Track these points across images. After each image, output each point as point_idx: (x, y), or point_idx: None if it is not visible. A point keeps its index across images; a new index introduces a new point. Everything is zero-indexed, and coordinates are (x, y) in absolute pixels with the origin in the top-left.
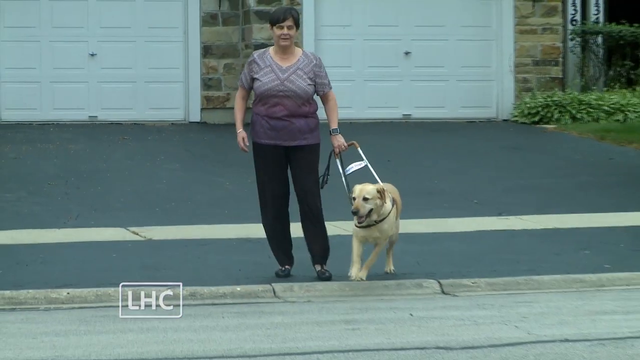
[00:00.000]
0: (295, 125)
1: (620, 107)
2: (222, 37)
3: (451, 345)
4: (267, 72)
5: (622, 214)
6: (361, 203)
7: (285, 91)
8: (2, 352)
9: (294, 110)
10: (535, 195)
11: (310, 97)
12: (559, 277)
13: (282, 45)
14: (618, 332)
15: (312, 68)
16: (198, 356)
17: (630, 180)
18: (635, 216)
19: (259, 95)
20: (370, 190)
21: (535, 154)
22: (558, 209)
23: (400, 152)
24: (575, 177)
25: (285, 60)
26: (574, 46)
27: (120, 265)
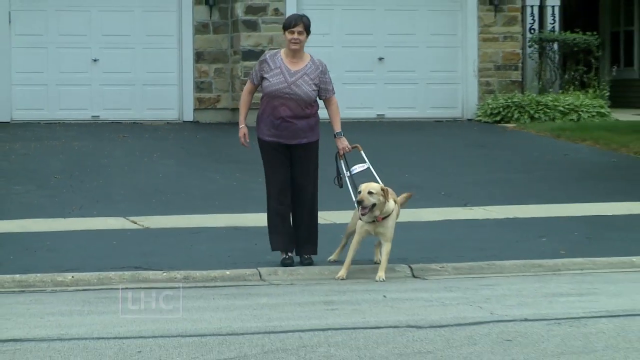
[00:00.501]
0: (297, 126)
1: (574, 108)
2: (212, 44)
3: (421, 324)
4: (277, 74)
5: (577, 205)
6: (366, 195)
7: (291, 94)
8: (12, 330)
9: (297, 112)
10: (497, 188)
11: (313, 100)
12: (519, 262)
13: (293, 49)
14: (573, 312)
15: (318, 74)
16: (191, 334)
17: (584, 175)
18: (588, 207)
19: (266, 94)
20: (375, 186)
21: (497, 151)
22: (518, 200)
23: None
24: (533, 172)
25: (295, 64)
26: (532, 52)
27: (120, 252)
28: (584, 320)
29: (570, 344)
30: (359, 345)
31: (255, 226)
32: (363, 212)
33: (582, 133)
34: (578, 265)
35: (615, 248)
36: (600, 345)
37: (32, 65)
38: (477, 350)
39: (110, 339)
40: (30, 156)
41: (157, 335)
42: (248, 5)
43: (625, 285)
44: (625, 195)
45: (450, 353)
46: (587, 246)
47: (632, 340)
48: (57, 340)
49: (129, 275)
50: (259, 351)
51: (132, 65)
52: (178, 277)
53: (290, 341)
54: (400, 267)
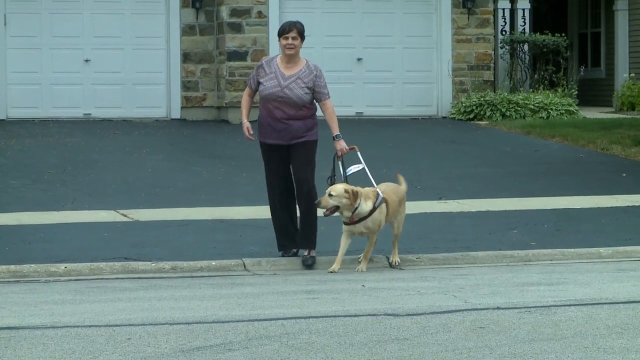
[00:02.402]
0: (294, 127)
1: (543, 106)
2: (199, 45)
3: (398, 312)
4: (271, 78)
5: (546, 199)
6: (325, 198)
7: (284, 97)
8: (8, 318)
9: (292, 114)
10: (470, 182)
11: (306, 103)
12: (491, 253)
13: (287, 54)
14: (543, 301)
15: (312, 78)
16: (178, 322)
17: (553, 169)
18: (557, 200)
19: (262, 97)
20: (338, 188)
21: (470, 147)
22: (490, 194)
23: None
24: (505, 167)
25: (289, 69)
26: (503, 53)
27: (111, 243)
28: (553, 309)
29: (541, 331)
30: (339, 333)
31: (240, 219)
32: (325, 213)
33: (551, 130)
34: (548, 256)
35: (583, 240)
36: (569, 333)
37: (27, 65)
38: (452, 337)
39: (102, 326)
40: (25, 152)
41: (146, 323)
42: (233, 8)
43: (592, 275)
44: (592, 189)
45: (426, 340)
46: (557, 238)
47: (600, 327)
48: (50, 327)
49: (119, 265)
50: (243, 338)
51: (122, 65)
52: (166, 268)
53: (273, 329)
54: (378, 258)
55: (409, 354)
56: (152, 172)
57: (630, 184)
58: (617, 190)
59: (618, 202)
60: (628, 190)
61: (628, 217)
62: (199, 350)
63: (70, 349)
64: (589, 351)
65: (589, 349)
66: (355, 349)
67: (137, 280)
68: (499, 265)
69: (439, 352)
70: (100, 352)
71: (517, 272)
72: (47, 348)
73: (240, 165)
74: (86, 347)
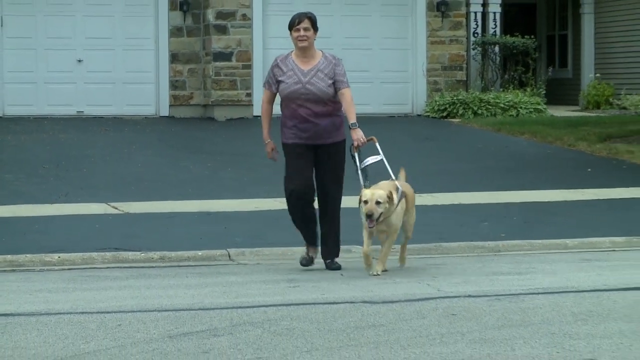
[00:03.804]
0: (320, 126)
1: (513, 104)
2: (186, 46)
3: (374, 300)
4: (290, 76)
5: (515, 192)
6: (374, 207)
7: (307, 93)
8: (4, 305)
9: (317, 111)
10: (444, 177)
11: (331, 97)
12: (463, 244)
13: (301, 46)
14: (512, 289)
15: (332, 68)
16: (166, 309)
17: (522, 165)
18: (526, 194)
19: (283, 97)
20: (381, 194)
21: (444, 143)
22: (462, 188)
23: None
24: (476, 162)
25: (306, 64)
26: (475, 54)
27: (102, 234)
28: (522, 297)
29: (510, 318)
30: (319, 319)
31: (225, 211)
32: (371, 225)
33: (520, 127)
34: (517, 247)
35: (551, 232)
36: (536, 319)
37: (22, 64)
38: (425, 324)
39: (93, 313)
40: (21, 148)
41: (135, 310)
42: (218, 11)
43: (559, 265)
44: (559, 183)
45: (401, 326)
46: (525, 230)
47: (566, 314)
48: (44, 314)
49: (110, 255)
50: (227, 324)
51: (113, 65)
52: (155, 258)
53: (256, 315)
54: (355, 248)
55: (385, 339)
56: (141, 166)
57: (596, 179)
58: (583, 184)
59: (584, 195)
60: (593, 184)
61: (593, 210)
62: (185, 335)
63: (64, 334)
64: (556, 337)
65: (556, 334)
66: (334, 334)
67: (127, 269)
68: (471, 255)
69: (413, 337)
70: (92, 338)
71: (488, 262)
72: (42, 334)
73: (225, 160)
74: (78, 333)
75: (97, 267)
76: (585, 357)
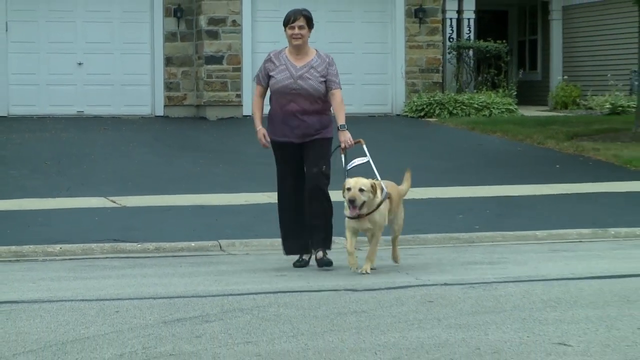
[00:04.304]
0: (308, 123)
1: (486, 105)
2: (180, 51)
3: (357, 288)
4: (282, 70)
5: (488, 187)
6: (357, 193)
7: (298, 89)
8: (9, 293)
9: (307, 108)
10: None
11: (322, 95)
12: (439, 236)
13: (295, 44)
14: (485, 278)
15: (325, 67)
16: (161, 296)
17: (495, 161)
18: (498, 189)
19: (273, 92)
20: (365, 182)
21: (421, 141)
22: (439, 183)
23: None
24: (452, 159)
25: (300, 60)
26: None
27: (101, 226)
28: (494, 285)
29: (483, 305)
30: (304, 306)
31: (217, 205)
32: (354, 212)
33: (493, 126)
34: (489, 238)
35: (521, 224)
36: (508, 306)
37: (26, 67)
38: (404, 310)
39: (93, 300)
40: (25, 145)
41: (132, 297)
42: (210, 18)
43: (529, 255)
44: (529, 178)
45: (381, 312)
46: (498, 222)
47: (536, 301)
48: (47, 301)
49: (108, 246)
50: (219, 311)
51: (111, 68)
52: (150, 248)
53: (245, 302)
54: (339, 240)
55: (366, 324)
56: (138, 163)
57: (563, 174)
58: (551, 179)
59: (552, 190)
60: (561, 179)
61: (561, 203)
62: (179, 321)
63: (65, 320)
64: (526, 322)
65: (526, 320)
66: (318, 320)
67: (124, 259)
68: (446, 246)
69: (392, 323)
70: (91, 323)
71: (462, 252)
72: (44, 320)
73: (217, 157)
74: (79, 319)
75: (96, 257)
76: (554, 342)
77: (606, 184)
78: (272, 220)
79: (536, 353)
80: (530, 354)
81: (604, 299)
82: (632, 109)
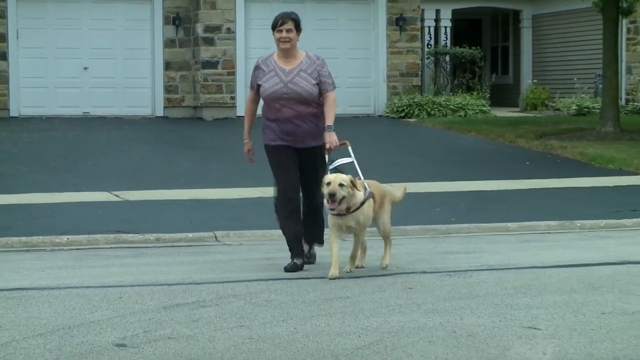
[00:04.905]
0: (303, 128)
1: (462, 106)
2: (178, 56)
3: (342, 275)
4: (271, 77)
5: (463, 182)
6: (337, 188)
7: (290, 93)
8: (20, 281)
9: (301, 111)
10: (402, 169)
11: (315, 97)
12: (418, 227)
13: (283, 48)
14: (461, 266)
15: (315, 68)
16: (161, 283)
17: (469, 159)
18: (473, 184)
19: (265, 100)
20: (345, 177)
21: (401, 140)
22: (418, 178)
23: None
24: (430, 156)
25: (289, 64)
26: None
27: (105, 218)
28: (469, 273)
29: (459, 291)
30: (294, 292)
31: (212, 199)
32: (333, 206)
33: (468, 126)
34: (465, 230)
35: (494, 216)
36: (482, 292)
37: (35, 71)
38: (386, 296)
39: (97, 287)
40: (34, 144)
41: (134, 284)
42: (206, 25)
43: (502, 245)
44: (501, 174)
45: (364, 298)
46: (472, 215)
47: (507, 288)
48: (55, 288)
49: (112, 237)
50: (214, 297)
51: (114, 72)
52: (151, 239)
53: (239, 289)
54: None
55: (351, 309)
56: (139, 160)
57: (533, 171)
58: (522, 175)
59: (523, 185)
60: (531, 175)
61: (531, 197)
62: (178, 306)
63: (71, 305)
64: (499, 307)
65: (499, 305)
66: (306, 305)
67: (127, 249)
68: (425, 237)
69: (375, 308)
70: (96, 309)
71: (440, 242)
72: (52, 305)
73: (212, 155)
74: (84, 305)
75: (100, 248)
76: (524, 326)
77: (572, 179)
78: (263, 213)
79: (508, 336)
80: (502, 337)
81: (570, 286)
82: (596, 110)
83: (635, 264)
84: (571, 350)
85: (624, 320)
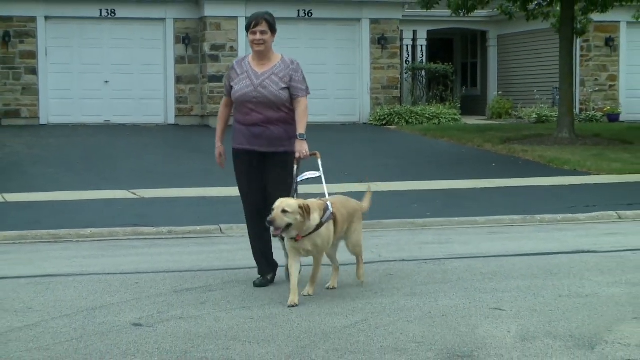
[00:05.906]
0: (272, 132)
1: (436, 115)
2: (188, 71)
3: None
4: (243, 79)
5: (438, 182)
6: (279, 215)
7: (259, 97)
8: (49, 268)
9: (270, 116)
10: (383, 170)
11: (285, 102)
12: (397, 221)
13: (257, 50)
14: (436, 255)
15: (288, 72)
16: (173, 270)
17: (442, 161)
18: (445, 183)
19: (235, 102)
20: (292, 203)
21: (383, 145)
22: (397, 178)
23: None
24: (408, 159)
25: (262, 66)
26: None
27: (124, 214)
28: (444, 261)
29: (434, 277)
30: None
31: (217, 196)
32: (276, 233)
33: (441, 132)
34: (439, 223)
35: (465, 211)
36: (454, 278)
37: (62, 84)
38: (369, 281)
39: (117, 274)
40: (61, 148)
41: (149, 272)
42: (212, 44)
43: (471, 237)
44: (471, 174)
45: (350, 282)
46: (445, 210)
47: (476, 274)
48: (79, 275)
49: (130, 230)
50: (219, 282)
51: (132, 85)
52: (164, 231)
53: (241, 275)
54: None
55: (339, 293)
56: (153, 162)
57: (499, 171)
58: (488, 175)
59: (490, 184)
60: (497, 175)
61: (497, 194)
62: (188, 290)
63: (94, 290)
64: (469, 291)
65: (469, 289)
66: (300, 288)
67: (143, 240)
68: (404, 229)
69: (360, 292)
70: (116, 292)
71: (417, 234)
72: (77, 290)
73: None
74: (106, 289)
75: (120, 239)
76: (491, 307)
77: (533, 179)
78: None
79: (476, 316)
80: (471, 317)
81: (532, 272)
82: (554, 118)
83: (588, 253)
84: (532, 329)
85: (578, 302)
